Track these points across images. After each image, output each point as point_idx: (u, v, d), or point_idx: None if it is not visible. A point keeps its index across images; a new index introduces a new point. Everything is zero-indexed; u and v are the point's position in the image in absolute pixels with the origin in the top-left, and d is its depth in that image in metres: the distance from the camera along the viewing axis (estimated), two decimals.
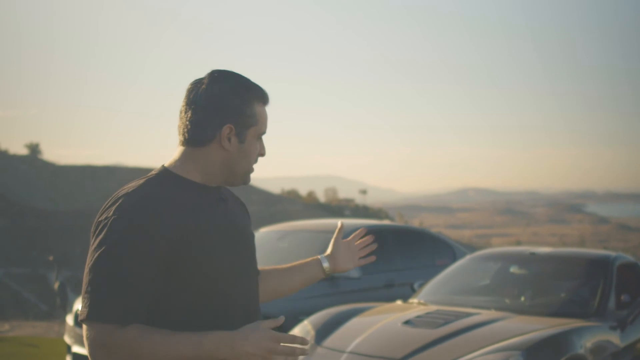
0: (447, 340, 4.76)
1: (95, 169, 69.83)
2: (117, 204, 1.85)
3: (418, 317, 5.23)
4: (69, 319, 7.44)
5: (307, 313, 6.00)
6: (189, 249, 1.86)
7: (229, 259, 1.95)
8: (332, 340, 5.09)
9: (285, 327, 5.73)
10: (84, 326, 1.80)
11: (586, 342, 4.81)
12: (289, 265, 2.42)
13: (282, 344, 1.83)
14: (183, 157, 1.99)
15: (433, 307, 5.57)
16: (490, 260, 6.67)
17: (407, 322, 5.15)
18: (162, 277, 1.84)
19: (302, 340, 1.86)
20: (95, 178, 65.30)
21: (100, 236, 1.82)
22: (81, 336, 6.19)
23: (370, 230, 8.07)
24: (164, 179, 1.95)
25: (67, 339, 7.30)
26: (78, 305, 7.18)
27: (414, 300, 6.01)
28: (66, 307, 11.33)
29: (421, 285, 6.43)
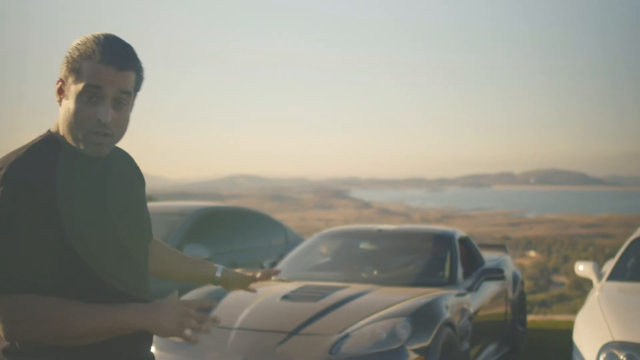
0: (332, 311, 4.99)
1: None
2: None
3: (293, 292, 5.40)
4: None
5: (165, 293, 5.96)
6: (50, 219, 1.80)
7: (92, 230, 1.87)
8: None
9: None
10: None
11: (451, 308, 5.28)
12: (186, 255, 2.48)
13: (192, 313, 1.89)
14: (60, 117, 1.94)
15: (300, 283, 5.77)
16: (339, 238, 7.01)
17: (285, 297, 5.30)
18: (44, 249, 1.79)
19: (214, 319, 2.02)
20: None
21: None
22: None
23: (210, 212, 8.06)
24: (43, 144, 1.90)
25: None
26: None
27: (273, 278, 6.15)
28: None
29: (272, 264, 6.59)
